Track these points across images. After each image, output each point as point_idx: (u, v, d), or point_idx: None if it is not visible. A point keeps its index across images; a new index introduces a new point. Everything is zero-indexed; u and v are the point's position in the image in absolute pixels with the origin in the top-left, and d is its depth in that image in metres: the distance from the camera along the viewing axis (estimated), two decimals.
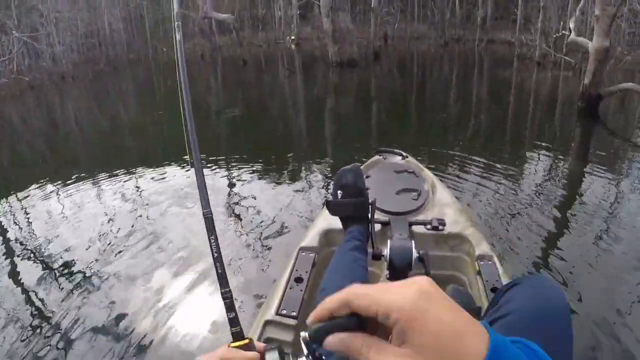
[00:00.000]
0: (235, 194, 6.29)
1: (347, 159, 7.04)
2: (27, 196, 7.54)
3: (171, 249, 4.90)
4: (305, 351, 0.63)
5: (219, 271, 0.96)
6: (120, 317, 3.93)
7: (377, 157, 3.43)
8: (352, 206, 2.08)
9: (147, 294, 4.24)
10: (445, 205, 2.73)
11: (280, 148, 8.25)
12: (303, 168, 7.02)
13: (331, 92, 14.00)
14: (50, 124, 16.07)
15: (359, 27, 22.25)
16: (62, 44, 28.74)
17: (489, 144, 7.50)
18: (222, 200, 6.03)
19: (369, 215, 2.11)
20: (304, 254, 2.48)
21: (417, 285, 0.55)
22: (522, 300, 1.13)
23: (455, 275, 2.49)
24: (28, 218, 6.74)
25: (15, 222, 6.66)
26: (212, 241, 0.99)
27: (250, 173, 6.91)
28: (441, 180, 3.29)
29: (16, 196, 7.63)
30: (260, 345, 0.78)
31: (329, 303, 0.57)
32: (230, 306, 0.93)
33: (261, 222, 5.18)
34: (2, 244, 5.91)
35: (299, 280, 2.31)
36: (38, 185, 7.98)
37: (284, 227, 4.99)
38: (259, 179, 6.69)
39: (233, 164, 7.42)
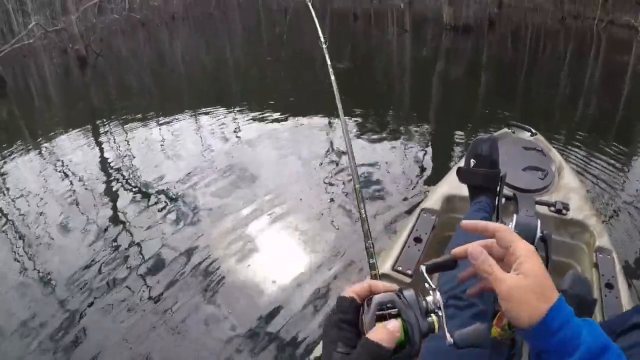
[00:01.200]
0: (331, 146, 6.25)
1: (450, 127, 6.93)
2: (132, 125, 7.80)
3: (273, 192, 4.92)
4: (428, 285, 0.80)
5: (365, 227, 1.11)
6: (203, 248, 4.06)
7: (505, 129, 3.38)
8: (484, 176, 2.07)
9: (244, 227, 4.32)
10: (571, 189, 2.68)
11: (383, 108, 8.06)
12: (404, 130, 6.82)
13: (442, 56, 13.49)
14: (158, 60, 16.50)
15: None
16: None
17: (607, 131, 6.83)
18: (313, 152, 5.99)
19: (498, 188, 2.08)
20: (425, 215, 2.54)
21: (530, 244, 0.80)
22: None
23: (569, 263, 2.44)
24: (129, 146, 7.05)
25: (117, 149, 6.97)
26: (362, 208, 1.12)
27: (349, 128, 6.72)
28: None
29: (121, 125, 7.89)
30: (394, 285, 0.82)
31: (484, 226, 0.86)
32: (367, 234, 1.06)
33: (346, 173, 5.18)
34: (103, 169, 6.27)
35: (418, 240, 2.36)
36: (143, 115, 8.23)
37: (383, 183, 4.99)
38: (358, 134, 6.57)
39: (330, 117, 7.32)
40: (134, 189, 5.50)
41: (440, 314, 0.74)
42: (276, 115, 7.59)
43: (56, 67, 16.49)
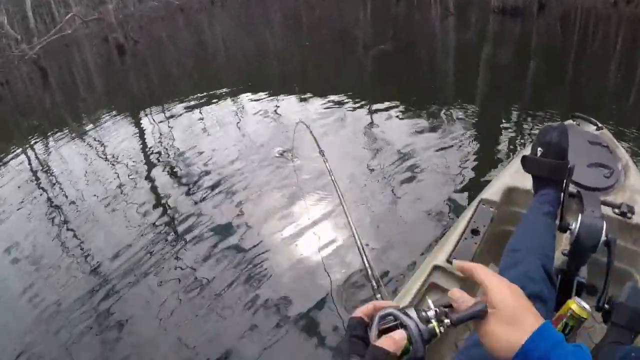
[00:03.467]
0: (379, 135, 6.08)
1: (500, 115, 6.65)
2: (172, 110, 7.86)
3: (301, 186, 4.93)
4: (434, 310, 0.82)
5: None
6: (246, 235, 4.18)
7: (570, 121, 3.22)
8: (551, 166, 1.90)
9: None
10: (637, 191, 2.48)
11: (427, 93, 7.84)
12: (450, 117, 6.56)
13: (489, 40, 12.95)
14: (198, 45, 16.46)
15: None
16: None
17: None
18: (363, 141, 5.90)
19: (564, 181, 1.92)
20: (484, 206, 2.48)
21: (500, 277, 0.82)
22: None
23: (629, 271, 2.32)
24: (171, 130, 7.27)
25: (159, 133, 7.20)
26: (353, 227, 1.25)
27: (394, 115, 6.63)
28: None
29: (162, 110, 7.92)
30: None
31: (461, 267, 0.87)
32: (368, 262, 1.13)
33: (397, 164, 5.12)
34: (146, 153, 6.49)
35: (475, 232, 2.32)
36: (183, 100, 8.25)
37: (423, 172, 4.95)
38: (405, 123, 6.39)
39: (374, 103, 7.15)
40: (175, 172, 5.66)
41: (443, 319, 0.80)
42: (316, 100, 7.44)
43: (97, 55, 16.65)
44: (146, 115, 8.09)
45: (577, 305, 1.44)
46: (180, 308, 3.39)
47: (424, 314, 0.81)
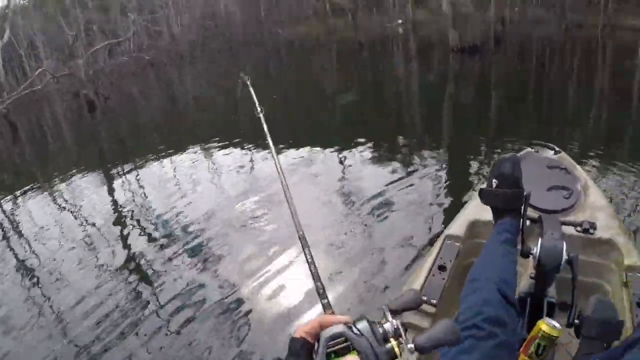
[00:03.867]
0: (349, 176, 6.24)
1: (466, 150, 6.84)
2: (143, 165, 7.95)
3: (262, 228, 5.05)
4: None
5: (306, 253, 1.01)
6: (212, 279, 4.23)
7: (529, 149, 3.29)
8: (506, 196, 1.94)
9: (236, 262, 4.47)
10: (597, 208, 2.58)
11: (395, 136, 7.99)
12: (419, 157, 6.72)
13: (451, 79, 13.47)
14: (168, 100, 16.65)
15: (476, 10, 21.29)
16: (179, 25, 29.70)
17: (630, 145, 6.69)
18: (333, 182, 6.00)
19: (522, 209, 1.96)
20: (449, 242, 2.51)
21: None
22: None
23: (598, 283, 2.39)
24: (141, 185, 7.30)
25: (129, 188, 7.21)
26: (296, 220, 1.06)
27: (364, 158, 6.79)
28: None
29: (133, 165, 8.02)
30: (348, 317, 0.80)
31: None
32: (316, 274, 0.98)
33: (365, 203, 5.19)
34: (116, 208, 6.41)
35: (442, 268, 2.34)
36: (153, 155, 8.34)
37: (390, 210, 5.01)
38: (374, 163, 6.57)
39: (345, 149, 7.27)
40: (146, 227, 5.58)
41: (401, 339, 0.73)
42: (286, 150, 7.57)
43: (67, 110, 16.69)
44: (117, 171, 8.07)
45: (546, 325, 1.49)
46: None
47: (380, 329, 0.73)
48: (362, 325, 0.73)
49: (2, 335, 3.97)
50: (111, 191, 7.22)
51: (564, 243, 1.83)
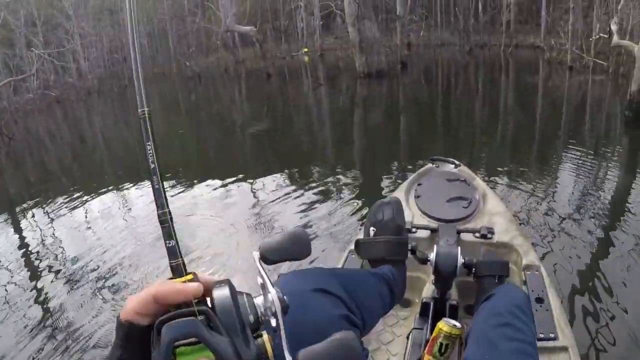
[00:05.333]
0: (259, 211, 6.08)
1: (376, 172, 6.98)
2: (53, 208, 7.67)
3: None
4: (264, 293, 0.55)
5: (156, 186, 0.74)
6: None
7: (429, 165, 3.39)
8: (387, 245, 1.76)
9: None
10: (495, 214, 2.69)
11: (307, 164, 8.00)
12: (330, 183, 6.74)
13: (360, 104, 13.68)
14: (76, 137, 16.18)
15: (383, 36, 21.97)
16: (87, 59, 29.09)
17: (528, 153, 7.15)
18: (245, 217, 5.86)
19: (405, 259, 1.85)
20: (353, 256, 2.48)
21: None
22: None
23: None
24: (52, 229, 6.86)
25: (40, 233, 6.77)
26: (149, 148, 0.78)
27: (275, 190, 6.71)
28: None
29: (42, 209, 7.74)
30: (208, 279, 0.59)
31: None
32: (168, 231, 0.66)
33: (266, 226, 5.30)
34: (25, 255, 6.06)
35: None
36: (63, 197, 8.07)
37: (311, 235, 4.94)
38: (285, 195, 6.45)
39: (258, 180, 7.23)
40: (59, 271, 5.35)
41: (275, 324, 0.56)
42: (195, 187, 7.50)
43: None
44: (26, 216, 7.79)
45: (445, 324, 1.55)
46: None
47: (249, 314, 0.56)
48: (222, 298, 0.54)
49: None
50: (19, 236, 6.91)
51: (459, 248, 1.94)
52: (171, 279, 0.60)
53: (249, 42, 26.37)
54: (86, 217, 7.10)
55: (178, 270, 0.61)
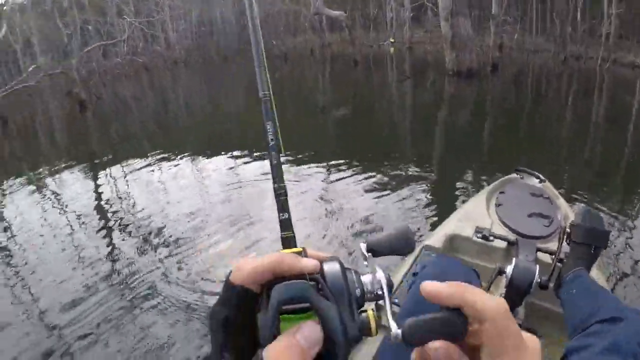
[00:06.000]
0: (334, 187, 6.19)
1: (454, 172, 6.83)
2: (130, 167, 7.92)
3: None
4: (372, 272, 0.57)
5: (274, 162, 0.70)
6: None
7: (514, 175, 3.34)
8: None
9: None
10: None
11: (385, 155, 7.87)
12: (406, 176, 6.63)
13: (446, 102, 13.27)
14: (160, 104, 16.52)
15: (475, 34, 21.28)
16: (175, 31, 29.70)
17: (615, 180, 6.53)
18: (317, 198, 5.89)
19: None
20: (426, 252, 2.51)
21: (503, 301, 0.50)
22: None
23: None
24: (127, 187, 7.17)
25: (116, 189, 7.13)
26: (269, 127, 0.75)
27: (351, 175, 6.67)
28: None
29: (120, 166, 7.95)
30: (317, 254, 0.58)
31: (438, 288, 0.51)
32: (282, 205, 0.65)
33: (350, 210, 5.29)
34: (101, 207, 6.36)
35: (416, 275, 2.33)
36: (141, 158, 8.30)
37: (374, 218, 5.08)
38: (360, 182, 6.42)
39: (336, 160, 7.21)
40: (129, 227, 5.53)
41: (383, 303, 0.55)
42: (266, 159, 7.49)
43: (59, 108, 16.60)
44: (105, 171, 7.99)
45: None
46: None
47: (357, 284, 0.55)
48: (332, 272, 0.54)
49: None
50: (97, 189, 7.19)
51: (537, 266, 1.88)
52: (282, 250, 0.60)
53: (337, 26, 26.36)
54: (159, 178, 7.29)
55: (288, 243, 0.61)
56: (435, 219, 4.93)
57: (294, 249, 0.59)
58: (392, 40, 26.77)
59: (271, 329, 0.48)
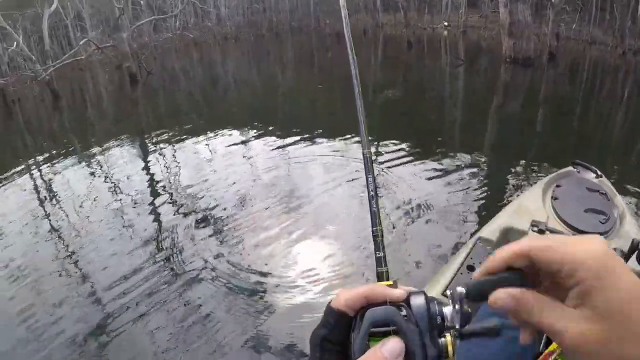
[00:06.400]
0: (386, 170, 6.16)
1: (507, 161, 6.77)
2: (179, 142, 7.92)
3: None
4: (453, 305, 0.59)
5: (373, 209, 0.79)
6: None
7: (570, 168, 3.34)
8: None
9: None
10: (630, 238, 2.40)
11: (438, 136, 7.92)
12: (457, 162, 6.60)
13: (500, 89, 12.99)
14: (210, 80, 16.57)
15: (534, 21, 20.66)
16: (227, 7, 29.73)
17: None
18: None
19: None
20: (481, 244, 2.54)
21: (599, 242, 0.47)
22: None
23: None
24: (176, 161, 7.32)
25: (164, 163, 7.30)
26: (370, 180, 0.82)
27: (400, 153, 6.74)
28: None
29: (169, 141, 7.96)
30: (406, 288, 0.63)
31: (506, 252, 0.54)
32: (379, 245, 0.75)
33: (402, 202, 5.23)
34: (149, 181, 6.56)
35: (471, 268, 2.37)
36: (190, 133, 8.34)
37: (433, 212, 5.02)
38: (410, 160, 6.50)
39: (385, 142, 7.23)
40: (179, 205, 5.61)
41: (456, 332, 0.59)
42: (321, 139, 7.49)
43: (109, 82, 16.82)
44: (154, 145, 8.09)
45: None
46: (176, 343, 3.30)
47: (438, 314, 0.59)
48: (418, 302, 0.60)
49: (28, 297, 4.04)
50: (146, 163, 7.31)
51: None
52: (377, 282, 0.69)
53: (391, 7, 25.98)
54: (210, 153, 7.38)
55: (382, 276, 0.71)
56: (488, 209, 4.88)
57: (387, 282, 0.68)
58: (447, 24, 26.26)
59: (362, 345, 0.56)
